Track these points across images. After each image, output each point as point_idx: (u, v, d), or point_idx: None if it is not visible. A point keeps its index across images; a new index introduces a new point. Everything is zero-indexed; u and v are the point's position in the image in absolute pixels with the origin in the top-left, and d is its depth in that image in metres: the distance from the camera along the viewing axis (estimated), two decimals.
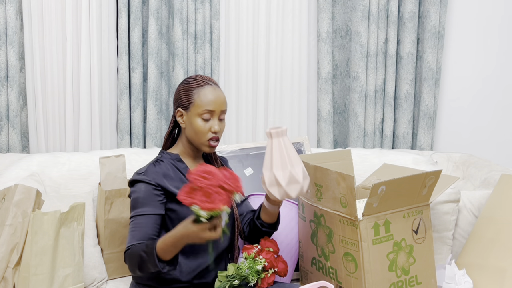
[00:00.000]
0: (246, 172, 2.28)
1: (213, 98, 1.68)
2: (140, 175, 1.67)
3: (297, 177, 1.57)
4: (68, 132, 2.57)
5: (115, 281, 2.08)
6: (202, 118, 1.67)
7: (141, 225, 1.62)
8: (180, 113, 1.71)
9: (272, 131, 1.58)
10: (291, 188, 1.58)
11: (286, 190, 1.57)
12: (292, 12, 2.73)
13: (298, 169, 1.57)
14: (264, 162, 1.61)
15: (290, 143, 1.60)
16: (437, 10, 2.71)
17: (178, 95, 1.72)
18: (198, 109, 1.67)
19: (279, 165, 1.56)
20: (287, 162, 1.56)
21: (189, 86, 1.71)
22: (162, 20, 2.59)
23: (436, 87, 2.78)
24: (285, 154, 1.56)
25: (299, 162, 1.58)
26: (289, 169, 1.56)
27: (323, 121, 2.75)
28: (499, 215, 1.97)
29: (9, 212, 1.69)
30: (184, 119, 1.71)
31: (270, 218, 1.74)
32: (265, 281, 1.67)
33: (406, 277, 1.70)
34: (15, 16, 2.41)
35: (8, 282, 1.67)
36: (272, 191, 1.58)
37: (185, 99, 1.69)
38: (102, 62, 2.58)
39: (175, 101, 1.73)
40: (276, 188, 1.57)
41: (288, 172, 1.56)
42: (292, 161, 1.56)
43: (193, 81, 1.72)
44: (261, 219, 1.76)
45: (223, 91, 2.74)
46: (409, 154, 2.53)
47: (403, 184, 1.66)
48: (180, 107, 1.71)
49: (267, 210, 1.72)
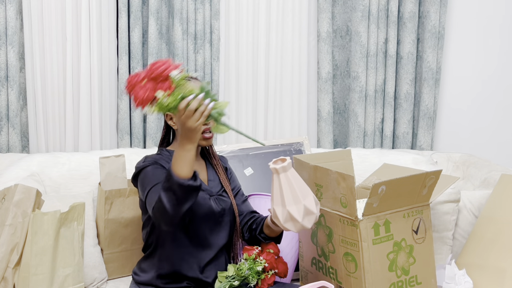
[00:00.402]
0: (246, 172, 2.28)
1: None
2: (141, 163, 1.69)
3: (311, 208, 1.53)
4: (68, 132, 2.57)
5: (115, 281, 2.08)
6: None
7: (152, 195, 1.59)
8: (169, 116, 1.75)
9: (278, 167, 1.52)
10: (307, 220, 1.53)
11: (302, 224, 1.53)
12: (292, 12, 2.73)
13: (310, 199, 1.53)
14: (274, 198, 1.55)
15: (297, 174, 1.55)
16: (437, 10, 2.71)
17: None
18: None
19: (292, 200, 1.51)
20: (299, 196, 1.51)
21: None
22: (162, 20, 2.59)
23: (436, 87, 2.78)
24: (296, 189, 1.52)
25: (309, 192, 1.54)
26: (302, 203, 1.51)
27: (323, 121, 2.75)
28: (499, 215, 1.97)
29: (9, 212, 1.69)
30: (175, 120, 1.74)
31: (275, 234, 1.75)
32: (265, 282, 1.68)
33: (406, 277, 1.70)
34: (15, 16, 2.41)
35: (8, 282, 1.67)
36: (288, 227, 1.54)
37: None
38: (102, 62, 2.58)
39: None
40: (292, 223, 1.53)
41: (302, 206, 1.51)
42: (303, 193, 1.52)
43: None
44: (264, 234, 1.76)
45: (223, 91, 2.75)
46: (409, 154, 2.53)
47: (403, 184, 1.66)
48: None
49: (272, 229, 1.72)
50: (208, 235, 1.74)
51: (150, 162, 1.68)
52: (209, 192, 1.77)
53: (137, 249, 2.10)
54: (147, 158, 1.71)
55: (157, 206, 1.51)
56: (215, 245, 1.75)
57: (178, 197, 1.48)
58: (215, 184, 1.81)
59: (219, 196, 1.79)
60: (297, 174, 1.56)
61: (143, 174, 1.67)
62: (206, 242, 1.73)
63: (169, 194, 1.47)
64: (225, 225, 1.78)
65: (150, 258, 1.75)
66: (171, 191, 1.47)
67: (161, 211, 1.50)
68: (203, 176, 1.81)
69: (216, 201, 1.77)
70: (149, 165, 1.67)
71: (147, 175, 1.65)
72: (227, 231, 1.79)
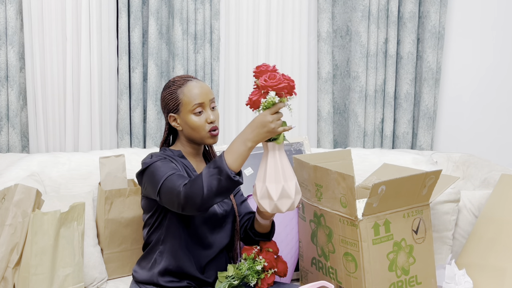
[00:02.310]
0: (246, 172, 2.28)
1: (198, 91, 1.69)
2: (148, 159, 1.66)
3: (289, 192, 1.54)
4: (68, 132, 2.57)
5: (115, 281, 2.08)
6: (195, 114, 1.69)
7: (174, 179, 1.56)
8: (172, 117, 1.73)
9: (269, 144, 1.56)
10: (282, 202, 1.54)
11: (277, 204, 1.54)
12: (292, 12, 2.73)
13: (291, 184, 1.54)
14: (258, 173, 1.58)
15: (286, 157, 1.57)
16: (437, 10, 2.71)
17: (164, 101, 1.74)
18: (188, 106, 1.69)
19: (273, 178, 1.53)
20: (281, 177, 1.53)
21: (171, 89, 1.72)
22: (162, 20, 2.59)
23: (436, 87, 2.78)
24: (280, 169, 1.54)
25: (292, 177, 1.55)
26: (282, 184, 1.53)
27: (323, 121, 2.75)
28: (499, 215, 1.97)
29: (9, 212, 1.69)
30: (179, 121, 1.72)
31: (263, 229, 1.75)
32: (265, 282, 1.68)
33: (406, 277, 1.70)
34: (15, 16, 2.42)
35: (8, 282, 1.67)
36: (263, 204, 1.56)
37: (172, 103, 1.71)
38: (102, 62, 2.58)
39: (164, 108, 1.75)
40: (268, 201, 1.55)
41: (281, 187, 1.53)
42: (286, 175, 1.54)
43: (173, 83, 1.73)
44: (254, 229, 1.76)
45: (223, 91, 2.76)
46: (409, 154, 2.53)
47: (403, 184, 1.66)
48: (171, 112, 1.72)
49: (260, 223, 1.73)
50: (209, 235, 1.73)
51: (158, 158, 1.66)
52: None
53: (137, 249, 2.10)
54: (154, 155, 1.68)
55: (192, 187, 1.48)
56: (216, 245, 1.75)
57: (221, 187, 1.47)
58: None
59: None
60: (286, 158, 1.57)
61: (152, 168, 1.63)
62: (207, 242, 1.73)
63: (212, 180, 1.47)
64: (226, 227, 1.78)
65: (151, 256, 1.74)
66: (217, 179, 1.47)
67: (195, 193, 1.47)
68: None
69: (219, 204, 1.76)
70: (157, 161, 1.65)
71: (158, 168, 1.62)
72: (228, 232, 1.79)
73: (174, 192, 1.52)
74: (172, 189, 1.53)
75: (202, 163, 1.82)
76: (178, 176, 1.57)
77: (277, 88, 1.52)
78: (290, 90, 1.54)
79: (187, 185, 1.51)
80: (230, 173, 1.47)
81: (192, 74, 2.64)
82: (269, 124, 1.49)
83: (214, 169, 1.48)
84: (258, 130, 1.50)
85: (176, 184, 1.53)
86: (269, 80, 1.53)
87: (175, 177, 1.56)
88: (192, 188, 1.48)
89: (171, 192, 1.54)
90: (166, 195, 1.56)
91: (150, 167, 1.64)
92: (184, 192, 1.50)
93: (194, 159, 1.78)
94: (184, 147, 1.77)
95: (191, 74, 2.64)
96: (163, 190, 1.57)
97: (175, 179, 1.56)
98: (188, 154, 1.77)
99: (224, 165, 1.48)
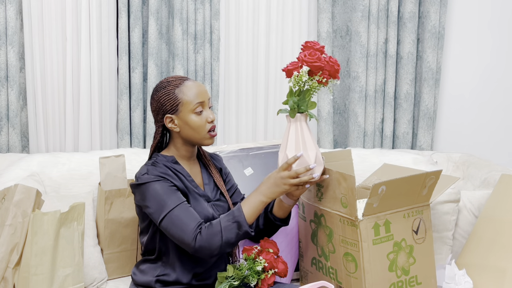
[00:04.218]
0: (246, 172, 2.27)
1: (197, 90, 1.67)
2: (145, 176, 1.62)
3: (308, 160, 1.58)
4: (68, 132, 2.57)
5: (115, 281, 2.08)
6: (195, 113, 1.66)
7: (182, 215, 1.57)
8: (169, 118, 1.67)
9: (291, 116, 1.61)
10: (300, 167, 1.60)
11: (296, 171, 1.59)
12: (292, 12, 2.73)
13: (312, 153, 1.59)
14: (281, 144, 1.64)
15: (307, 128, 1.61)
16: (437, 10, 2.71)
17: (159, 103, 1.67)
18: (189, 105, 1.65)
19: (293, 147, 1.59)
20: (301, 146, 1.58)
21: (167, 90, 1.67)
22: (162, 20, 2.59)
23: (436, 87, 2.78)
24: (300, 138, 1.59)
25: (313, 148, 1.60)
26: (301, 152, 1.58)
27: (323, 121, 2.75)
28: (499, 215, 1.97)
29: (9, 212, 1.69)
30: (177, 122, 1.67)
31: (283, 212, 1.75)
32: (265, 282, 1.68)
33: (406, 277, 1.70)
34: (15, 16, 2.41)
35: (8, 282, 1.67)
36: None
37: (170, 103, 1.66)
38: (102, 62, 2.58)
39: (158, 110, 1.68)
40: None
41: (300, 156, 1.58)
42: (306, 145, 1.58)
43: (168, 84, 1.68)
44: (273, 214, 1.76)
45: (223, 91, 2.76)
46: (409, 154, 2.53)
47: (403, 184, 1.66)
48: (168, 113, 1.67)
49: (282, 204, 1.73)
50: None
51: (156, 177, 1.61)
52: (206, 198, 1.74)
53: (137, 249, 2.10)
54: (149, 170, 1.63)
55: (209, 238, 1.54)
56: None
57: (238, 240, 1.58)
58: (210, 188, 1.79)
59: (215, 202, 1.77)
60: (308, 128, 1.61)
61: (151, 190, 1.60)
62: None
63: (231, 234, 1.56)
64: None
65: (151, 261, 1.73)
66: (235, 233, 1.56)
67: (212, 244, 1.55)
68: (199, 180, 1.77)
69: (214, 208, 1.75)
70: (155, 181, 1.61)
71: (157, 193, 1.59)
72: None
73: (185, 236, 1.56)
74: (182, 231, 1.56)
75: (196, 166, 1.79)
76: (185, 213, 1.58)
77: (311, 65, 1.54)
78: (334, 73, 1.57)
79: (202, 235, 1.55)
80: (249, 230, 1.57)
81: (192, 74, 2.64)
82: (282, 183, 1.58)
83: (233, 224, 1.56)
84: (273, 189, 1.59)
85: (188, 228, 1.56)
86: (308, 55, 1.55)
87: (183, 215, 1.57)
88: (209, 239, 1.54)
89: (180, 233, 1.56)
90: (171, 231, 1.58)
91: (147, 189, 1.61)
92: (200, 241, 1.55)
93: (187, 163, 1.75)
94: (178, 150, 1.73)
95: (191, 74, 2.64)
96: (167, 224, 1.58)
97: (183, 217, 1.57)
98: (182, 158, 1.74)
99: (243, 221, 1.56)
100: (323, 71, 1.56)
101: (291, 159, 1.57)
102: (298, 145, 1.59)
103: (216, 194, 1.79)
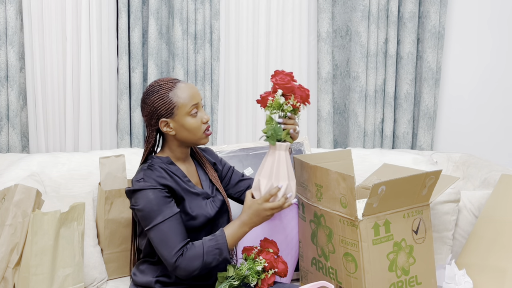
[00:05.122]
0: (246, 172, 2.28)
1: (191, 92, 1.66)
2: (141, 183, 1.61)
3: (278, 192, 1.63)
4: (68, 132, 2.57)
5: (115, 281, 2.08)
6: (191, 115, 1.65)
7: (170, 230, 1.59)
8: (164, 122, 1.64)
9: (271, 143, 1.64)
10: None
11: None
12: (292, 12, 2.73)
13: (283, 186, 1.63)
14: (258, 168, 1.69)
15: (285, 159, 1.63)
16: (437, 10, 2.71)
17: (153, 107, 1.64)
18: (185, 108, 1.64)
19: (267, 174, 1.63)
20: (273, 176, 1.62)
21: (160, 94, 1.63)
22: (162, 20, 2.59)
23: (436, 87, 2.78)
24: (275, 168, 1.62)
25: (284, 180, 1.63)
26: (272, 182, 1.62)
27: (323, 121, 2.75)
28: (499, 215, 1.97)
29: (9, 212, 1.69)
30: (172, 126, 1.65)
31: None
32: (265, 282, 1.67)
33: (406, 277, 1.70)
34: (15, 16, 2.41)
35: (8, 282, 1.67)
36: (255, 194, 1.67)
37: (165, 107, 1.63)
38: (102, 62, 2.58)
39: (152, 114, 1.65)
40: (258, 193, 1.65)
41: (270, 184, 1.62)
42: (278, 176, 1.62)
43: (160, 88, 1.65)
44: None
45: (223, 91, 2.76)
46: (409, 154, 2.53)
47: (403, 184, 1.66)
48: (162, 117, 1.64)
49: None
50: None
51: (151, 184, 1.60)
52: (206, 195, 1.74)
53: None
54: (146, 176, 1.62)
55: (190, 261, 1.57)
56: None
57: (216, 265, 1.61)
58: (207, 185, 1.79)
59: (213, 197, 1.78)
60: (285, 159, 1.64)
61: (145, 198, 1.59)
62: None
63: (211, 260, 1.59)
64: (222, 225, 1.77)
65: (151, 263, 1.72)
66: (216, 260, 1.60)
67: (191, 266, 1.58)
68: (195, 179, 1.77)
69: (212, 203, 1.75)
70: (149, 188, 1.60)
71: (150, 202, 1.59)
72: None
73: (167, 253, 1.58)
74: (166, 247, 1.58)
75: (191, 165, 1.79)
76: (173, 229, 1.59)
77: (283, 86, 1.59)
78: (305, 98, 1.63)
79: (184, 256, 1.57)
80: (228, 257, 1.61)
81: (192, 74, 2.64)
82: (265, 214, 1.62)
83: (216, 250, 1.60)
84: (256, 219, 1.63)
85: (172, 246, 1.58)
86: (279, 79, 1.60)
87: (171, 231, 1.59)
88: (190, 262, 1.58)
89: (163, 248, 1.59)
90: (155, 243, 1.61)
91: (141, 196, 1.60)
92: (181, 262, 1.58)
93: (183, 163, 1.75)
94: (173, 152, 1.72)
95: (191, 74, 2.64)
96: (153, 236, 1.60)
97: (170, 234, 1.59)
98: (178, 159, 1.73)
99: (225, 249, 1.60)
100: (295, 95, 1.60)
101: (273, 189, 1.61)
102: (271, 174, 1.63)
103: (212, 190, 1.79)
